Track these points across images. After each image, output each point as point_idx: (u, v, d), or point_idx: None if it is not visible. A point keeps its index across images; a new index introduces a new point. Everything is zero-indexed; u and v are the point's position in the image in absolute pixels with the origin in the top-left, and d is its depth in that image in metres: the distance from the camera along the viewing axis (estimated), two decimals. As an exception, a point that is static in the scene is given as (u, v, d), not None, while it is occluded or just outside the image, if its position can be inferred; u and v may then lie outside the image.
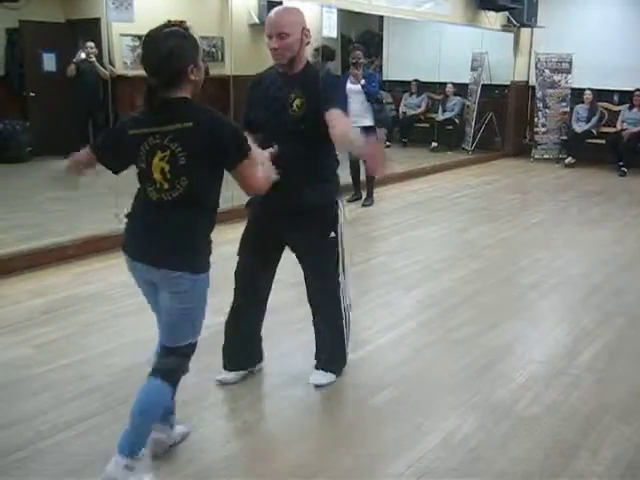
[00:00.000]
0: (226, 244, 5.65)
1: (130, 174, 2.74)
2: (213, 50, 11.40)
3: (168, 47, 2.52)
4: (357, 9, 9.28)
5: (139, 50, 10.31)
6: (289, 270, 3.57)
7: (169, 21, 2.67)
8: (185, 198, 2.53)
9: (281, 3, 11.45)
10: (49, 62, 10.06)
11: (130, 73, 10.21)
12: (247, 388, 3.46)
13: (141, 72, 2.68)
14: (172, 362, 2.67)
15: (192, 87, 2.62)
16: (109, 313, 4.44)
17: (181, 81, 2.56)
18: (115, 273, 5.24)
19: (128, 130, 2.61)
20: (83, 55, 9.65)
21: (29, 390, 3.40)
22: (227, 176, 2.63)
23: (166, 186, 2.53)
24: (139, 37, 10.24)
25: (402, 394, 3.44)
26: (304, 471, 2.80)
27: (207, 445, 2.99)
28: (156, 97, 2.55)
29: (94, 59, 9.62)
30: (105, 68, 9.48)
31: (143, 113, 2.61)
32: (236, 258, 3.44)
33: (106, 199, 6.43)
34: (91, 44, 9.66)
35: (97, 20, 9.56)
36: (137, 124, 2.60)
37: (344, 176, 7.82)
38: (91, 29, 9.83)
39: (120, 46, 10.16)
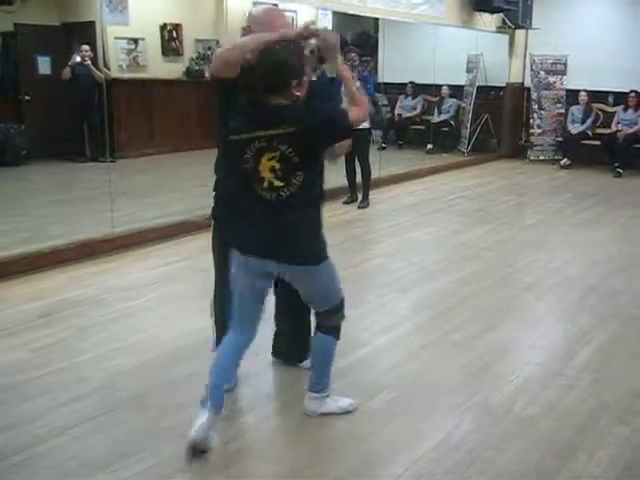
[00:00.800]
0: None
1: (126, 178, 2.73)
2: (208, 53, 11.38)
3: (277, 59, 2.76)
4: (352, 11, 9.29)
5: (135, 53, 10.34)
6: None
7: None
8: (301, 192, 2.79)
9: (276, 6, 11.49)
10: (44, 65, 10.04)
11: (125, 76, 10.21)
12: (245, 390, 3.46)
13: (136, 75, 2.73)
14: (329, 320, 3.09)
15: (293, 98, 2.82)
16: (105, 317, 4.43)
17: (283, 92, 2.77)
18: (111, 277, 5.26)
19: (229, 136, 2.84)
20: (78, 58, 9.63)
21: (25, 394, 3.39)
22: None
23: (278, 183, 2.77)
24: (134, 40, 10.27)
25: (399, 396, 3.44)
26: (302, 473, 2.80)
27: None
28: (260, 102, 2.79)
29: (89, 62, 9.61)
30: (100, 71, 9.49)
31: (243, 120, 2.82)
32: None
33: (102, 203, 6.44)
34: (86, 47, 9.65)
35: (92, 23, 9.56)
36: (237, 131, 2.81)
37: (340, 178, 7.87)
38: (86, 32, 9.82)
39: (115, 49, 10.18)
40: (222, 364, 3.05)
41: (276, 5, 11.39)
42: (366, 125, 7.38)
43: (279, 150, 2.72)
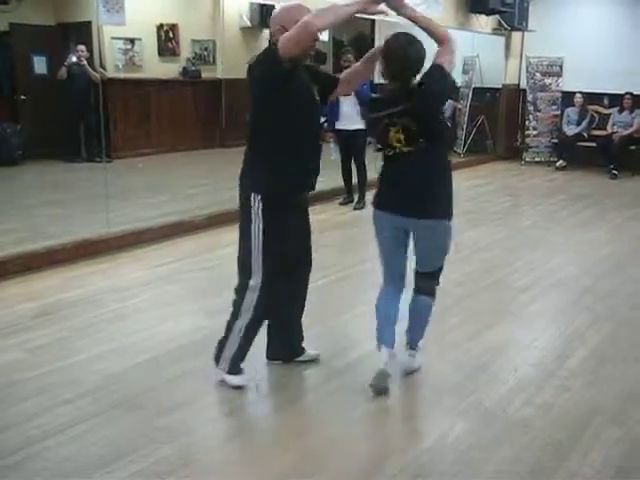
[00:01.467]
0: (223, 247, 5.70)
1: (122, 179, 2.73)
2: (205, 53, 11.40)
3: (420, 53, 3.19)
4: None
5: (131, 53, 10.32)
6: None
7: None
8: (426, 152, 3.22)
9: (273, 7, 11.50)
10: (40, 65, 10.04)
11: (121, 76, 10.20)
12: (241, 391, 3.45)
13: (132, 75, 2.74)
14: (431, 283, 3.53)
15: None
16: (100, 317, 4.42)
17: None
18: (106, 277, 5.25)
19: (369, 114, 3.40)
20: (74, 58, 9.63)
21: (20, 394, 3.39)
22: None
23: (406, 148, 3.22)
24: (131, 40, 10.26)
25: (394, 397, 3.45)
26: (298, 473, 2.80)
27: (202, 447, 2.99)
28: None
29: (85, 62, 9.60)
30: (96, 71, 9.47)
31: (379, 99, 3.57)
32: (233, 259, 3.43)
33: (97, 203, 6.43)
34: (82, 47, 9.64)
35: (88, 23, 9.56)
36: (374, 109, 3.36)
37: (336, 179, 7.87)
38: (82, 32, 9.83)
39: (111, 49, 10.16)
40: (383, 312, 3.52)
41: (272, 6, 11.43)
42: (362, 126, 7.38)
43: (400, 125, 3.17)
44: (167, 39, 10.84)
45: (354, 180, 8.00)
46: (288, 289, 3.48)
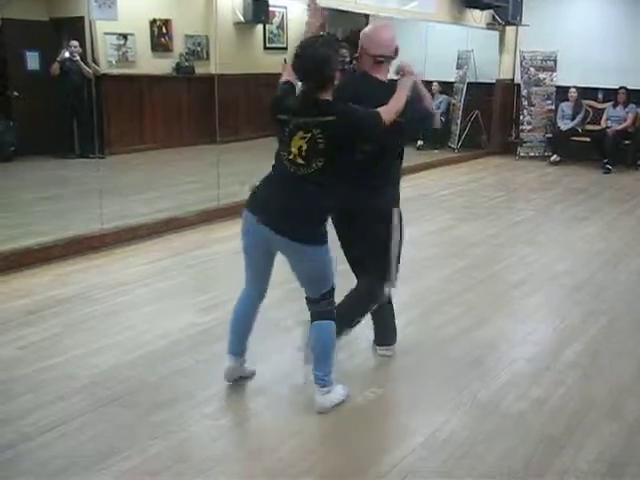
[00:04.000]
0: (216, 243, 5.69)
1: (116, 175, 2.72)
2: (198, 49, 11.37)
3: (323, 56, 2.95)
4: (343, 8, 9.28)
5: (124, 48, 10.29)
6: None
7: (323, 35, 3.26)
8: (314, 175, 2.97)
9: (267, 2, 11.48)
10: (33, 61, 9.98)
11: (114, 72, 10.17)
12: (234, 387, 3.45)
13: (125, 71, 2.73)
14: (322, 306, 3.17)
15: (333, 90, 3.04)
16: (93, 313, 4.41)
17: (328, 85, 2.99)
18: (100, 273, 5.23)
19: (276, 114, 3.09)
20: (67, 54, 9.59)
21: (13, 391, 3.38)
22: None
23: (300, 161, 2.97)
24: (123, 36, 10.22)
25: (388, 392, 3.45)
26: (290, 470, 2.80)
27: (194, 444, 2.98)
28: (309, 98, 3.00)
29: (78, 58, 9.56)
30: (89, 67, 9.43)
31: (293, 105, 3.06)
32: (227, 256, 3.42)
33: (91, 199, 6.41)
34: (75, 43, 9.60)
35: (81, 19, 9.52)
36: (285, 111, 3.06)
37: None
38: (75, 28, 9.78)
39: (104, 45, 10.12)
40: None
41: (266, 2, 11.41)
42: None
43: (311, 133, 2.94)
44: (160, 34, 10.80)
45: None
46: None
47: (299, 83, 3.14)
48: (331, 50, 3.00)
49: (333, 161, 2.99)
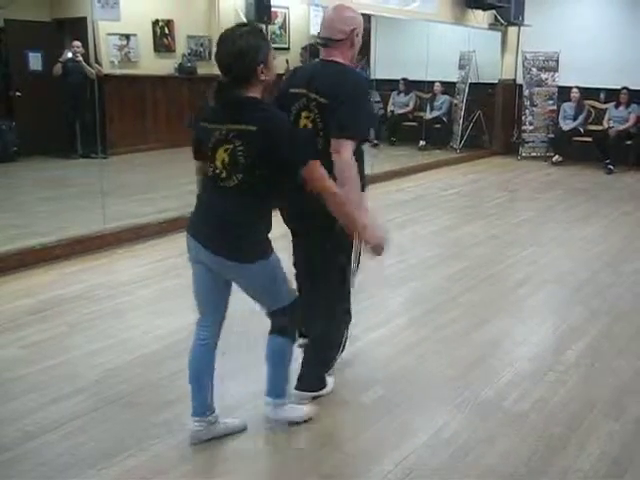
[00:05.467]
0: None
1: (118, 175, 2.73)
2: (200, 49, 11.37)
3: (240, 45, 2.59)
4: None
5: (126, 49, 10.30)
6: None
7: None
8: (239, 190, 2.67)
9: (269, 2, 11.48)
10: (35, 62, 9.99)
11: (117, 72, 10.18)
12: (233, 387, 3.45)
13: (128, 71, 2.73)
14: (282, 320, 2.91)
15: (262, 86, 2.70)
16: (95, 313, 4.42)
17: (251, 80, 2.64)
18: (102, 273, 5.25)
19: (200, 122, 2.80)
20: (69, 54, 9.59)
21: (16, 390, 3.39)
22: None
23: (224, 175, 2.69)
24: (126, 36, 10.23)
25: (389, 392, 3.45)
26: (293, 470, 2.81)
27: (191, 448, 2.96)
28: (225, 94, 2.67)
29: (81, 58, 9.57)
30: (92, 67, 9.45)
31: (214, 108, 2.75)
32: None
33: (93, 199, 6.42)
34: (77, 43, 9.61)
35: (83, 19, 9.53)
36: (207, 119, 2.76)
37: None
38: (77, 28, 9.80)
39: (107, 45, 10.14)
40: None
41: (269, 2, 11.41)
42: None
43: (233, 144, 2.65)
44: (162, 35, 10.81)
45: None
46: None
47: None
48: (256, 39, 2.63)
49: (258, 180, 2.67)
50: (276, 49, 11.32)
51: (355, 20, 3.09)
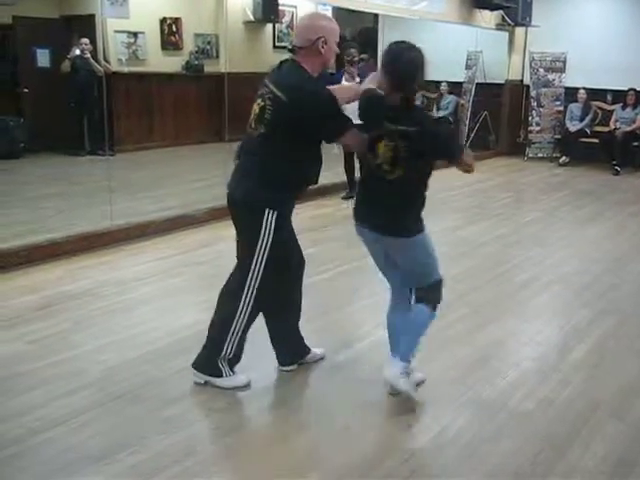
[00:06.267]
0: (224, 241, 5.71)
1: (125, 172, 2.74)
2: (208, 47, 11.39)
3: (416, 62, 3.10)
4: (352, 7, 9.29)
5: (134, 46, 10.32)
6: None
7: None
8: (402, 181, 3.09)
9: (277, 1, 11.49)
10: (43, 58, 10.02)
11: (125, 70, 10.20)
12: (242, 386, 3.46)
13: (135, 69, 2.74)
14: (428, 293, 3.31)
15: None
16: (102, 309, 4.44)
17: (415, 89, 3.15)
18: (109, 270, 5.26)
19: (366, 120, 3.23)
20: (77, 51, 9.62)
21: (22, 386, 3.40)
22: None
23: (387, 168, 3.08)
24: (134, 34, 10.25)
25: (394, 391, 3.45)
26: (297, 467, 2.81)
27: (196, 444, 2.98)
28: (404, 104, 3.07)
29: (89, 55, 9.59)
30: (100, 64, 9.47)
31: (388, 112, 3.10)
32: (234, 253, 3.42)
33: (100, 196, 6.44)
34: (86, 40, 9.62)
35: (92, 16, 9.54)
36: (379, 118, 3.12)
37: (339, 174, 7.87)
38: (86, 25, 9.80)
39: (115, 43, 10.15)
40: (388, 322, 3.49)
41: (276, 1, 11.42)
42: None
43: (395, 142, 3.04)
44: (170, 33, 10.83)
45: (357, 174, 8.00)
46: (289, 294, 3.50)
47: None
48: (422, 55, 3.13)
49: (417, 170, 3.12)
50: (283, 48, 11.37)
51: (324, 29, 3.17)
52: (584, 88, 11.05)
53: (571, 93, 11.35)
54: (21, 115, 9.74)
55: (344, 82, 7.04)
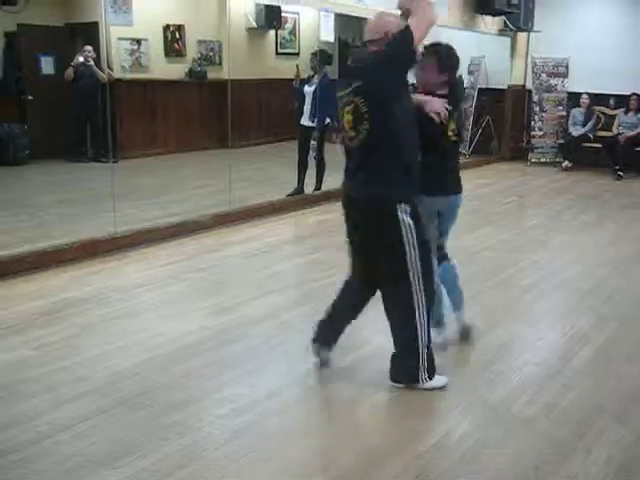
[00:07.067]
0: (228, 246, 5.73)
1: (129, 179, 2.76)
2: (211, 54, 11.45)
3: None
4: (354, 13, 9.32)
5: (137, 54, 10.37)
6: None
7: None
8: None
9: (279, 8, 11.54)
10: (47, 65, 10.08)
11: (128, 77, 10.25)
12: (246, 388, 3.48)
13: (138, 76, 2.76)
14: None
15: None
16: (107, 315, 4.46)
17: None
18: (113, 276, 5.28)
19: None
20: (81, 59, 9.68)
21: (28, 391, 3.42)
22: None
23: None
24: (137, 41, 10.30)
25: (398, 394, 3.47)
26: (301, 471, 2.82)
27: (205, 445, 3.01)
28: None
29: (92, 63, 9.65)
30: (103, 72, 9.52)
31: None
32: (239, 259, 3.45)
33: (104, 203, 6.47)
34: (89, 48, 9.69)
35: (95, 24, 9.58)
36: None
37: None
38: (89, 33, 9.86)
39: (118, 50, 10.21)
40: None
41: (279, 8, 11.47)
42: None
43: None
44: (173, 40, 10.89)
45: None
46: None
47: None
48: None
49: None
50: (286, 54, 11.41)
51: (391, 24, 3.42)
52: (587, 93, 11.06)
53: (574, 98, 11.36)
54: (25, 122, 9.79)
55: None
